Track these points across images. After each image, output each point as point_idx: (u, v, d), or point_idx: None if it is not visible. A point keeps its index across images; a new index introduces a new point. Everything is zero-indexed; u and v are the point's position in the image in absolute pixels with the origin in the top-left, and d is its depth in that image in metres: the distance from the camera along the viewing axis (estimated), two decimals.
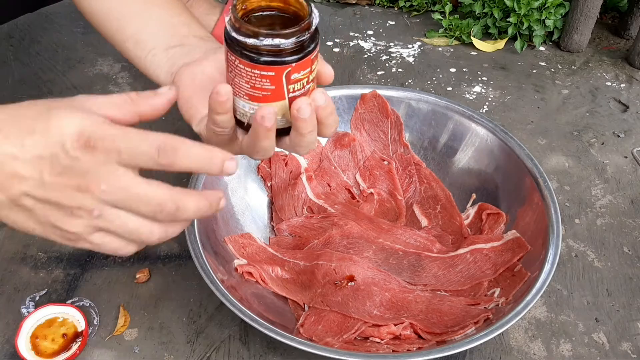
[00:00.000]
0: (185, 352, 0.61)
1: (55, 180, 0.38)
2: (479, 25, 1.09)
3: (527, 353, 0.62)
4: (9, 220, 0.41)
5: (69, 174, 0.38)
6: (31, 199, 0.39)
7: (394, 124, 0.78)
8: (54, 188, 0.38)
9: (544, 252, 0.61)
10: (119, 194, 0.39)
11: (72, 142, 0.37)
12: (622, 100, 0.98)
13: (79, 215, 0.39)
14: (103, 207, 0.39)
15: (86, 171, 0.38)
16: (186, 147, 0.39)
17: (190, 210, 0.40)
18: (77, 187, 0.38)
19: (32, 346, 0.59)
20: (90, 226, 0.40)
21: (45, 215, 0.40)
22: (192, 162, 0.39)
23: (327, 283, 0.63)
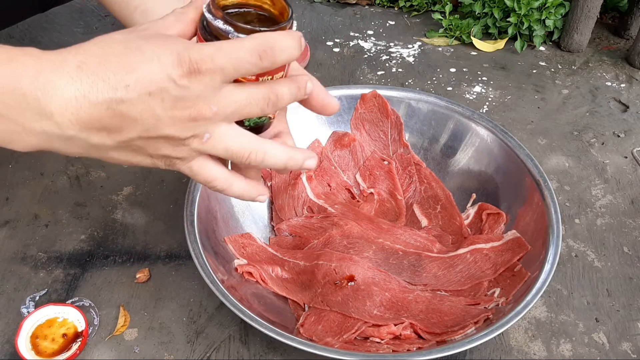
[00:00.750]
0: (185, 352, 0.61)
1: (167, 114, 0.37)
2: (479, 25, 1.09)
3: (527, 353, 0.62)
4: (113, 160, 0.41)
5: (181, 105, 0.37)
6: (143, 140, 0.38)
7: (394, 124, 0.78)
8: (168, 123, 0.37)
9: (544, 252, 0.61)
10: (229, 107, 0.38)
11: (177, 71, 0.36)
12: (622, 100, 0.98)
13: (190, 142, 0.39)
14: (214, 128, 0.39)
15: (196, 97, 0.37)
16: (279, 42, 0.38)
17: (286, 96, 0.41)
18: (189, 117, 0.37)
19: (32, 346, 0.59)
20: (199, 151, 0.40)
21: (156, 149, 0.39)
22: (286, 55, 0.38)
23: (327, 283, 0.63)
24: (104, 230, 0.72)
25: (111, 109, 0.36)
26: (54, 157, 0.81)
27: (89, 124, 0.37)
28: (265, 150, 0.42)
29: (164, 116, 0.37)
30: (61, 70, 0.36)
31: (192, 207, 0.63)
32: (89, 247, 0.70)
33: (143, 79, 0.36)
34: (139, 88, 0.36)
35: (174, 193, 0.77)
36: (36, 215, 0.74)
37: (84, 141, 0.38)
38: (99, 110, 0.36)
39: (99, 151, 0.39)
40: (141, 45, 0.37)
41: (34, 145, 0.38)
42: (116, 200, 0.76)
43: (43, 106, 0.36)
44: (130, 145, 0.39)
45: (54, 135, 0.37)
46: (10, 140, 0.38)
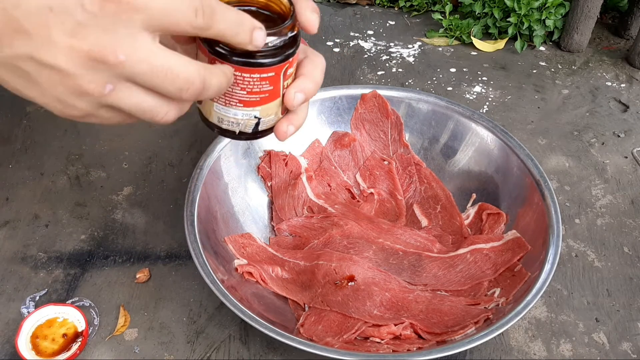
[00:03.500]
0: (185, 352, 0.61)
1: (64, 41, 0.31)
2: (479, 25, 1.09)
3: (527, 353, 0.62)
4: (6, 84, 0.35)
5: (82, 34, 0.31)
6: (33, 63, 0.32)
7: (394, 124, 0.78)
8: (62, 51, 0.31)
9: (544, 252, 0.61)
10: (139, 66, 0.32)
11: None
12: (622, 100, 0.98)
13: (88, 89, 0.33)
14: (117, 81, 0.33)
15: (103, 32, 0.31)
16: (221, 8, 0.34)
17: (214, 87, 0.36)
18: (88, 53, 0.31)
19: (32, 346, 0.59)
20: (100, 103, 0.34)
21: (49, 85, 0.33)
22: (226, 25, 0.34)
23: (327, 283, 0.63)
24: (104, 230, 0.72)
25: (5, 11, 0.30)
26: (54, 157, 0.81)
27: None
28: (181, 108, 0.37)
29: (59, 41, 0.31)
30: None
31: (192, 207, 0.63)
32: (89, 247, 0.70)
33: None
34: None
35: (174, 193, 0.77)
36: (36, 215, 0.74)
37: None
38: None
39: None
40: None
41: None
42: (116, 200, 0.76)
43: None
44: (20, 66, 0.32)
45: None
46: None
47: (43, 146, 0.83)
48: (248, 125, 0.44)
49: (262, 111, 0.43)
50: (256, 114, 0.43)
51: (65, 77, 0.32)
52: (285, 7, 0.42)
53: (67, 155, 0.82)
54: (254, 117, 0.43)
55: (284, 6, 0.42)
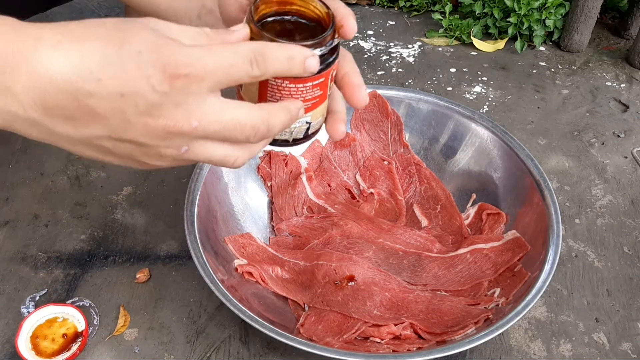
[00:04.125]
0: (185, 352, 0.61)
1: (140, 121, 0.33)
2: (479, 25, 1.09)
3: (527, 353, 0.62)
4: (80, 154, 0.36)
5: (157, 113, 0.33)
6: (111, 141, 0.34)
7: (394, 124, 0.78)
8: (139, 130, 0.33)
9: (544, 252, 0.61)
10: (211, 127, 0.35)
11: (157, 74, 0.32)
12: (622, 100, 0.98)
13: (166, 153, 0.35)
14: (192, 142, 0.35)
15: (175, 107, 0.33)
16: (270, 50, 0.35)
17: (278, 127, 0.38)
18: (165, 128, 0.33)
19: (32, 346, 0.59)
20: (175, 160, 0.37)
21: (127, 154, 0.36)
22: (279, 66, 0.35)
23: (327, 283, 0.63)
24: (104, 230, 0.72)
25: (78, 100, 0.32)
26: (54, 157, 0.81)
27: (54, 111, 0.33)
28: (252, 149, 0.39)
29: (135, 122, 0.33)
30: (36, 46, 0.32)
31: (192, 207, 0.63)
32: (89, 247, 0.70)
33: (117, 76, 0.32)
34: (111, 86, 0.32)
35: (174, 193, 0.77)
36: (36, 215, 0.74)
37: (47, 128, 0.34)
38: (65, 98, 0.32)
39: (63, 142, 0.36)
40: (127, 37, 0.32)
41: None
42: (116, 200, 0.76)
43: (9, 82, 0.32)
44: (97, 144, 0.35)
45: (17, 116, 0.34)
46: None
47: (43, 146, 0.83)
48: (300, 131, 0.45)
49: (312, 116, 0.44)
50: (307, 119, 0.44)
51: (143, 147, 0.35)
52: (323, 13, 0.42)
53: (67, 155, 0.82)
54: (305, 122, 0.44)
55: (321, 12, 0.42)
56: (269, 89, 0.40)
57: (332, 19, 0.41)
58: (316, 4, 0.42)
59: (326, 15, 0.41)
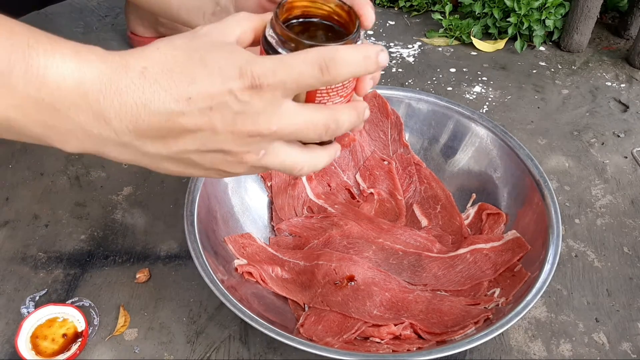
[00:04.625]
0: (185, 352, 0.61)
1: (227, 129, 0.36)
2: (479, 25, 1.09)
3: (527, 353, 0.62)
4: (164, 170, 0.40)
5: (242, 121, 0.36)
6: (199, 153, 0.38)
7: (394, 124, 0.78)
8: (226, 138, 0.37)
9: (544, 252, 0.61)
10: (288, 129, 0.38)
11: (239, 85, 0.35)
12: (622, 100, 0.98)
13: (247, 159, 0.38)
14: (269, 145, 0.38)
15: (257, 114, 0.36)
16: (341, 55, 0.37)
17: (346, 124, 0.40)
18: (248, 133, 0.37)
19: (32, 346, 0.59)
20: (253, 167, 0.40)
21: (211, 164, 0.39)
22: (350, 69, 0.37)
23: (327, 283, 0.63)
24: (104, 230, 0.72)
25: (171, 121, 0.36)
26: (54, 157, 0.81)
27: (146, 133, 0.36)
28: (317, 159, 0.42)
29: (223, 131, 0.37)
30: (124, 74, 0.35)
31: (192, 207, 0.63)
32: (89, 247, 0.70)
33: (205, 92, 0.35)
34: (201, 101, 0.35)
35: (174, 193, 0.77)
36: (36, 215, 0.74)
37: (138, 149, 0.38)
38: (159, 120, 0.36)
39: (151, 160, 0.39)
40: (204, 56, 0.36)
41: (86, 148, 0.38)
42: (116, 200, 0.76)
43: (102, 109, 0.35)
44: (185, 157, 0.38)
45: (109, 140, 0.37)
46: (64, 140, 0.37)
47: (43, 146, 0.82)
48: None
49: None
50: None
51: (227, 154, 0.38)
52: (344, 11, 0.42)
53: (67, 155, 0.82)
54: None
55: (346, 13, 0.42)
56: (318, 91, 0.40)
57: (353, 13, 0.41)
58: (336, 2, 0.42)
59: (347, 11, 0.42)
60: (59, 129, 0.36)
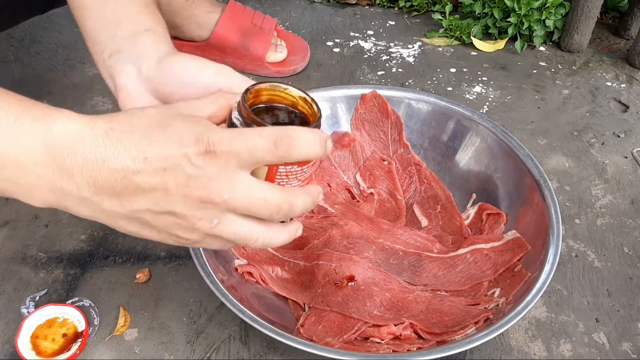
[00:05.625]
0: (185, 352, 0.61)
1: (179, 192, 0.38)
2: (479, 26, 1.09)
3: (527, 353, 0.62)
4: (121, 229, 0.41)
5: (194, 184, 0.38)
6: (151, 213, 0.39)
7: (394, 124, 0.78)
8: (177, 200, 0.38)
9: (544, 252, 0.61)
10: (241, 201, 0.39)
11: (194, 150, 0.37)
12: (622, 101, 0.98)
13: (199, 225, 0.39)
14: (222, 215, 0.39)
15: (209, 179, 0.38)
16: (297, 133, 0.38)
17: (299, 208, 0.41)
18: (199, 198, 0.38)
19: (32, 346, 0.59)
20: (207, 234, 0.40)
21: (164, 226, 0.40)
22: (304, 149, 0.39)
23: (327, 283, 0.63)
24: (104, 230, 0.72)
25: (127, 178, 0.37)
26: None
27: (104, 189, 0.38)
28: (274, 234, 0.42)
29: (175, 193, 0.38)
30: (90, 132, 0.37)
31: None
32: (89, 247, 0.70)
33: (161, 153, 0.37)
34: (156, 162, 0.37)
35: None
36: (36, 215, 0.74)
37: (96, 205, 0.39)
38: (115, 177, 0.37)
39: (108, 217, 0.40)
40: (167, 122, 0.38)
41: (50, 202, 0.40)
42: None
43: (67, 165, 0.37)
44: (139, 217, 0.39)
45: (71, 195, 0.39)
46: (30, 195, 0.39)
47: None
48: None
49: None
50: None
51: (179, 218, 0.39)
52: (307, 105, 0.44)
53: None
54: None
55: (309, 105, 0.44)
56: (277, 173, 0.42)
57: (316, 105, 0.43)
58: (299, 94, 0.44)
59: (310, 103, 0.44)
60: (23, 184, 0.38)
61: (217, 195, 0.38)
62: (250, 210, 0.39)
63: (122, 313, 0.64)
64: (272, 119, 0.44)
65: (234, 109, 0.42)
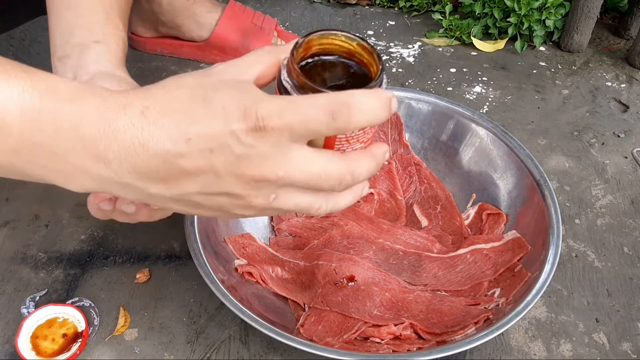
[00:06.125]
0: (185, 352, 0.61)
1: (230, 173, 0.34)
2: (479, 26, 1.09)
3: (527, 353, 0.62)
4: (173, 210, 0.38)
5: (245, 165, 0.34)
6: (202, 195, 0.36)
7: (394, 124, 0.78)
8: (229, 181, 0.35)
9: (544, 252, 0.61)
10: (297, 176, 0.35)
11: (242, 127, 0.33)
12: (622, 101, 0.98)
13: (255, 203, 0.36)
14: (280, 190, 0.36)
15: (261, 158, 0.34)
16: (357, 101, 0.34)
17: (364, 174, 0.37)
18: (252, 178, 0.35)
19: (32, 346, 0.59)
20: (264, 209, 0.37)
21: (219, 206, 0.37)
22: (366, 116, 0.34)
23: (327, 283, 0.63)
24: (104, 230, 0.72)
25: (169, 162, 0.34)
26: None
27: (145, 174, 0.35)
28: (337, 199, 0.39)
29: (225, 174, 0.34)
30: (124, 114, 0.34)
31: None
32: (89, 247, 0.70)
33: (206, 133, 0.33)
34: (201, 143, 0.33)
35: None
36: (36, 215, 0.74)
37: (141, 190, 0.36)
38: (157, 162, 0.34)
39: (157, 200, 0.37)
40: (209, 95, 0.34)
41: (90, 188, 0.37)
42: None
43: (101, 151, 0.34)
44: (190, 200, 0.36)
45: (111, 181, 0.36)
46: (66, 182, 0.37)
47: None
48: None
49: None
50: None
51: (233, 198, 0.36)
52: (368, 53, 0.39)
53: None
54: None
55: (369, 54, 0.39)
56: (337, 138, 0.38)
57: (376, 54, 0.39)
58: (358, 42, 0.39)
59: (370, 52, 0.39)
60: (60, 171, 0.36)
61: (272, 174, 0.34)
62: (309, 184, 0.36)
63: (122, 313, 0.64)
64: (329, 77, 0.39)
65: (282, 67, 0.38)
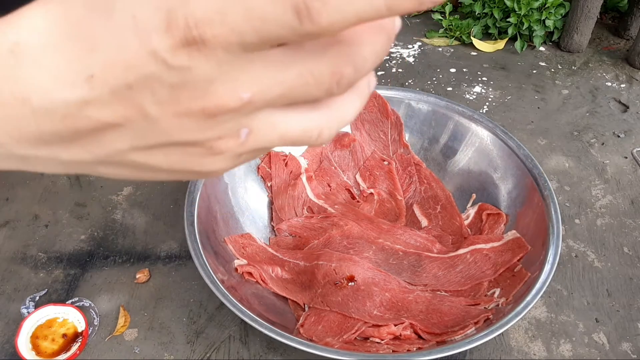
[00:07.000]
0: (185, 352, 0.61)
1: (166, 112, 0.22)
2: (479, 26, 1.09)
3: (527, 353, 0.62)
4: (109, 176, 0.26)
5: (187, 95, 0.22)
6: (139, 152, 0.24)
7: (394, 124, 0.78)
8: (170, 125, 0.23)
9: (544, 252, 0.61)
10: (272, 90, 0.23)
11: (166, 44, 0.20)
12: (622, 101, 0.98)
13: (221, 147, 0.24)
14: (252, 120, 0.24)
15: (207, 82, 0.22)
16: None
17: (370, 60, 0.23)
18: (203, 112, 0.22)
19: (32, 346, 0.59)
20: (239, 153, 0.25)
21: (170, 163, 0.25)
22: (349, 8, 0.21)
23: (327, 283, 0.63)
24: (104, 230, 0.72)
25: (72, 117, 0.22)
26: None
27: (44, 140, 0.23)
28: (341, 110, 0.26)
29: (161, 116, 0.22)
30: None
31: (192, 207, 0.63)
32: (89, 247, 0.70)
33: (114, 62, 0.21)
34: (110, 78, 0.21)
35: (174, 193, 0.77)
36: (36, 215, 0.74)
37: (51, 159, 0.25)
38: (52, 121, 0.22)
39: (82, 168, 0.25)
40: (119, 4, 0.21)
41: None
42: (116, 200, 0.76)
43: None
44: (123, 160, 0.25)
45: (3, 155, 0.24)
46: None
47: None
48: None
49: None
50: None
51: (187, 147, 0.24)
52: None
53: None
54: None
55: None
56: None
57: None
58: None
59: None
60: None
61: (230, 99, 0.22)
62: (293, 94, 0.23)
63: (122, 313, 0.64)
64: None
65: None
